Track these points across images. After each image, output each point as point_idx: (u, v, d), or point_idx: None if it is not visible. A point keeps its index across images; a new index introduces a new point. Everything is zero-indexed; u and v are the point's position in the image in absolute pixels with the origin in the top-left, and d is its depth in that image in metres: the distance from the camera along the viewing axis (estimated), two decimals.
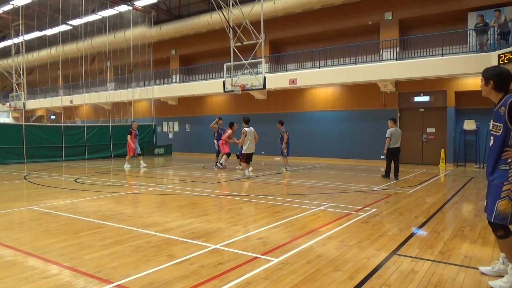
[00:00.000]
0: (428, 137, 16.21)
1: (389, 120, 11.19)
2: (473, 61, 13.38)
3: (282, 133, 13.62)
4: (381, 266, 3.94)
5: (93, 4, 23.60)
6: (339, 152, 17.85)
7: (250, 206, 7.34)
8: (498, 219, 3.30)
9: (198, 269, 3.82)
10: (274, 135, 19.39)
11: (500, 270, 3.59)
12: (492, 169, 3.41)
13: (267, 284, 3.45)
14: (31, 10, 23.56)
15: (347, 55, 18.13)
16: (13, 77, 23.62)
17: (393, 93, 16.58)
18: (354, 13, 17.63)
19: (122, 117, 25.00)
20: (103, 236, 5.08)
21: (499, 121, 3.32)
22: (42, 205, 7.29)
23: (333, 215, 6.38)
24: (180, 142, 24.00)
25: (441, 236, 5.11)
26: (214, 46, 22.28)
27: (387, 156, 11.08)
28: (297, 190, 9.57)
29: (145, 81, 24.87)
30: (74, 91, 29.61)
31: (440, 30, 16.31)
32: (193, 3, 23.36)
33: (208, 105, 22.70)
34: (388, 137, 10.83)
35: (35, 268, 3.87)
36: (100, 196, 8.44)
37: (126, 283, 3.47)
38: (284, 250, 4.42)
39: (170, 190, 9.27)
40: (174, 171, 14.08)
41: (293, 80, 17.60)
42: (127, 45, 23.61)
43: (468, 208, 7.16)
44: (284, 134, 13.49)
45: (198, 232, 5.25)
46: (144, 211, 6.94)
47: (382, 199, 7.92)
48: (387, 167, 11.10)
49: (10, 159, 16.73)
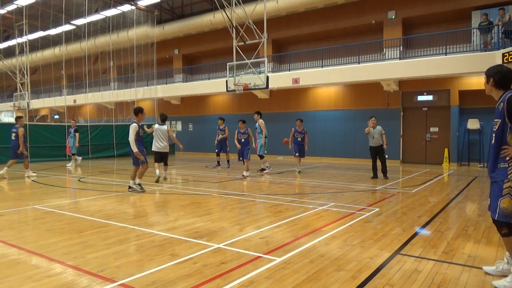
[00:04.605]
0: (431, 136, 16.15)
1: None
2: (477, 60, 13.31)
3: (304, 133, 12.65)
4: (384, 265, 3.93)
5: (97, 3, 23.65)
6: (342, 151, 17.82)
7: (252, 205, 7.34)
8: (501, 216, 3.33)
9: (201, 268, 3.83)
10: (277, 135, 19.39)
11: (504, 269, 3.58)
12: (492, 167, 3.44)
13: (270, 284, 3.45)
14: (35, 10, 23.66)
15: (350, 54, 18.07)
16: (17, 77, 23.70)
17: (396, 92, 16.53)
18: (357, 12, 17.58)
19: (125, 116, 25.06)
20: (107, 235, 5.10)
21: (498, 117, 3.37)
22: (46, 204, 7.32)
23: (336, 214, 6.37)
24: (183, 141, 23.88)
25: (444, 235, 5.09)
26: (217, 45, 22.29)
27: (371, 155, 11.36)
28: (300, 189, 9.57)
29: (148, 81, 24.92)
30: (77, 90, 29.70)
31: (443, 29, 16.23)
32: (196, 3, 23.38)
33: (211, 104, 22.72)
34: (384, 133, 11.09)
35: (39, 267, 3.89)
36: (103, 195, 8.46)
37: (130, 282, 3.48)
38: (287, 250, 4.41)
39: (173, 190, 9.28)
40: (177, 171, 14.10)
41: (296, 80, 17.58)
42: (130, 44, 23.66)
43: (472, 207, 7.13)
44: (305, 134, 12.68)
45: (201, 232, 5.26)
46: (147, 211, 6.96)
47: (385, 199, 7.90)
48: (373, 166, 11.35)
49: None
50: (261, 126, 12.62)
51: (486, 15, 14.15)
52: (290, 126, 14.01)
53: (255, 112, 13.01)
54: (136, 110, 8.79)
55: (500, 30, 13.65)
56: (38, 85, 31.15)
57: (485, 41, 14.31)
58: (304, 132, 12.62)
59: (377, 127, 11.07)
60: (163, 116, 11.18)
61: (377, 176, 11.18)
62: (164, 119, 11.07)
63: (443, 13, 15.97)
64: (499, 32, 13.72)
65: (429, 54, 16.08)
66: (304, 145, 12.65)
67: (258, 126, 12.70)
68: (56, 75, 30.79)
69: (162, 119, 11.10)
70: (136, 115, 8.74)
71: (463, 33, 15.23)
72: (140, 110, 8.79)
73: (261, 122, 12.67)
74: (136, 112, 8.76)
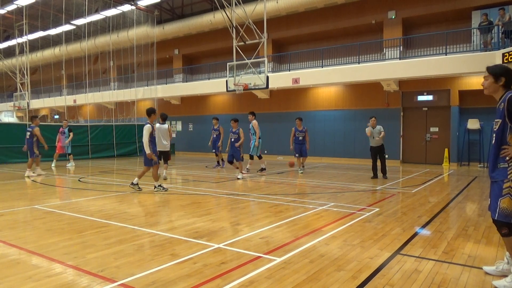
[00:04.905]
0: (431, 136, 16.14)
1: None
2: (477, 60, 13.30)
3: (305, 131, 12.54)
4: (384, 265, 3.93)
5: (97, 3, 23.66)
6: (342, 151, 17.82)
7: (252, 205, 7.34)
8: (501, 216, 3.33)
9: (201, 268, 3.83)
10: (277, 135, 19.42)
11: (504, 269, 3.58)
12: (492, 167, 3.44)
13: (270, 284, 3.45)
14: (35, 10, 23.66)
15: (350, 54, 18.07)
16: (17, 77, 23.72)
17: (396, 92, 16.52)
18: (357, 12, 17.58)
19: (125, 116, 25.07)
20: (107, 235, 5.10)
21: (499, 117, 3.37)
22: (46, 204, 7.32)
23: (336, 214, 6.37)
24: (183, 141, 24.03)
25: (444, 235, 5.09)
26: (217, 45, 22.29)
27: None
28: (300, 189, 9.57)
29: (148, 81, 24.92)
30: (77, 90, 29.71)
31: (443, 28, 16.23)
32: (196, 3, 23.38)
33: (211, 104, 22.72)
34: (382, 131, 11.16)
35: (39, 267, 3.89)
36: (103, 195, 8.46)
37: (130, 282, 3.48)
38: (287, 250, 4.41)
39: (173, 190, 9.28)
40: (177, 171, 14.10)
41: (296, 80, 17.58)
42: (130, 44, 23.67)
43: (472, 207, 7.13)
44: (305, 132, 12.57)
45: (201, 232, 5.26)
46: (147, 211, 6.96)
47: (386, 199, 7.90)
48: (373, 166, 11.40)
49: (15, 158, 16.80)
50: (254, 127, 12.50)
51: (486, 15, 14.15)
52: (290, 126, 14.01)
53: (249, 113, 12.96)
54: (149, 110, 8.88)
55: (500, 30, 13.65)
56: (38, 85, 31.16)
57: (485, 41, 14.31)
58: (304, 131, 12.56)
59: (377, 126, 11.11)
60: (163, 115, 11.22)
61: (377, 176, 11.20)
62: (164, 119, 11.11)
63: (443, 13, 15.97)
64: (499, 32, 13.72)
65: (429, 54, 16.07)
66: (305, 144, 12.58)
67: (252, 127, 12.60)
68: (56, 75, 30.78)
69: (163, 118, 11.16)
70: (149, 116, 8.83)
71: (463, 33, 15.23)
72: (153, 110, 8.90)
73: (254, 123, 12.57)
74: (149, 113, 8.85)
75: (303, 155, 12.67)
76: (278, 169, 13.97)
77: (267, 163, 13.52)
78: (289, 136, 12.96)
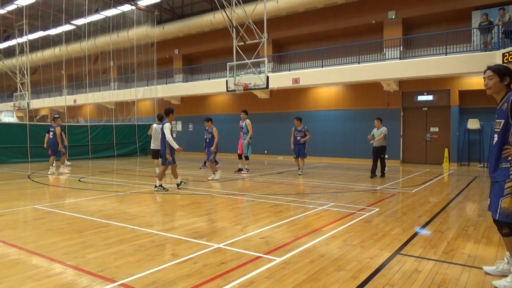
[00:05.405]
0: (431, 136, 16.14)
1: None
2: (477, 60, 13.31)
3: (306, 131, 12.22)
4: (384, 265, 3.93)
5: (97, 3, 23.66)
6: (342, 151, 17.82)
7: (252, 205, 7.34)
8: (502, 216, 3.33)
9: (201, 268, 3.83)
10: (277, 135, 19.42)
11: (504, 269, 3.58)
12: (494, 167, 3.43)
13: (270, 284, 3.45)
14: (35, 10, 23.66)
15: (350, 54, 18.08)
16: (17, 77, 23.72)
17: (396, 92, 16.52)
18: (357, 12, 17.58)
19: (126, 116, 25.07)
20: (107, 235, 5.10)
21: (501, 118, 3.35)
22: (46, 204, 7.32)
23: (336, 214, 6.37)
24: (183, 141, 23.98)
25: (444, 235, 5.09)
26: (217, 45, 22.29)
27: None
28: (300, 189, 9.57)
29: (148, 81, 24.92)
30: (77, 90, 29.72)
31: (444, 28, 16.23)
32: (196, 3, 23.38)
33: (211, 104, 22.72)
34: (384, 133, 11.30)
35: (39, 267, 3.89)
36: (103, 195, 8.46)
37: (130, 282, 3.48)
38: (287, 250, 4.41)
39: (173, 190, 9.28)
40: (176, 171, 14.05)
41: (296, 79, 17.58)
42: (130, 44, 23.67)
43: (472, 207, 7.13)
44: (307, 132, 12.28)
45: (201, 232, 5.26)
46: (147, 210, 6.96)
47: (386, 199, 7.89)
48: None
49: (15, 158, 16.81)
50: (248, 126, 12.30)
51: (486, 15, 14.15)
52: (290, 126, 13.99)
53: (242, 111, 12.71)
54: (168, 110, 9.09)
55: (500, 30, 13.64)
56: (38, 85, 31.16)
57: (485, 41, 14.31)
58: (304, 130, 12.18)
59: (381, 128, 11.38)
60: (160, 115, 11.30)
61: (376, 175, 11.29)
62: (161, 119, 11.16)
63: (443, 13, 15.97)
64: (499, 32, 13.73)
65: (429, 54, 16.08)
66: (303, 144, 12.17)
67: (245, 125, 12.35)
68: (56, 75, 30.78)
69: (159, 118, 11.27)
70: (167, 116, 9.06)
71: (463, 33, 15.23)
72: (171, 110, 9.11)
73: (248, 122, 12.37)
74: (167, 112, 9.07)
75: (300, 156, 12.29)
76: (278, 169, 13.97)
77: (266, 163, 13.52)
78: (289, 136, 12.85)
